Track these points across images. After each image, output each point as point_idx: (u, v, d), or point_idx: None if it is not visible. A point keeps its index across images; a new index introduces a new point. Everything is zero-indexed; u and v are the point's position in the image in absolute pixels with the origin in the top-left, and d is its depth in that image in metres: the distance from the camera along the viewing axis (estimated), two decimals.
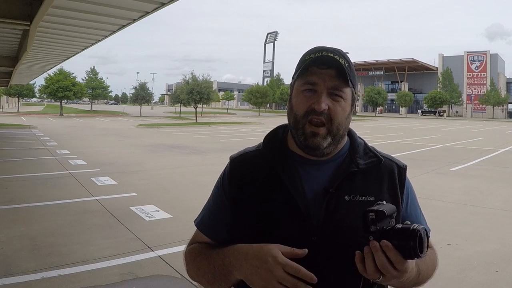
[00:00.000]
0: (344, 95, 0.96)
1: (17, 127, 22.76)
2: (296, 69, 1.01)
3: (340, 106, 0.96)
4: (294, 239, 0.93)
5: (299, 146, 0.99)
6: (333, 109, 0.95)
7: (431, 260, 1.04)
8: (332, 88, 0.95)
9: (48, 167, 9.53)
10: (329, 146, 0.97)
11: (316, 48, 1.00)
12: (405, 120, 46.44)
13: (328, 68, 0.94)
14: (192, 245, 1.12)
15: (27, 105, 75.79)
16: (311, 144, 0.96)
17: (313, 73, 0.95)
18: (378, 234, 0.81)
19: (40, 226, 4.99)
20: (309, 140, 0.96)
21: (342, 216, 0.94)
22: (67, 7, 6.66)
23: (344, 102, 0.97)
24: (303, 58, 0.99)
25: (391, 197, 1.00)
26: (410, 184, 1.08)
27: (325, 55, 0.95)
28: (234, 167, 1.06)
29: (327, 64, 0.94)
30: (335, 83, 0.94)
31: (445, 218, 5.54)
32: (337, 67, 0.94)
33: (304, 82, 0.96)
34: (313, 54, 0.97)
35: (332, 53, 0.96)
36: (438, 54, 70.31)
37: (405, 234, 0.79)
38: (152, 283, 3.56)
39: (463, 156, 12.78)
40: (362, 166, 1.00)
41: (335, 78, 0.94)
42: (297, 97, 0.98)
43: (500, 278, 3.69)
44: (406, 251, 0.79)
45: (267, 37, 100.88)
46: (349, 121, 1.01)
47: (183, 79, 33.80)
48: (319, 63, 0.94)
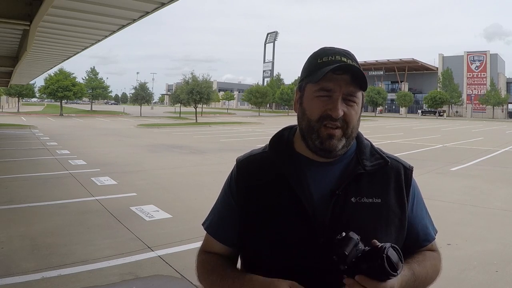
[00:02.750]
0: (357, 100, 0.97)
1: (17, 127, 22.76)
2: (307, 72, 0.99)
3: (354, 110, 0.96)
4: (301, 241, 0.93)
5: (313, 149, 0.98)
6: (348, 114, 0.95)
7: (432, 266, 1.04)
8: (347, 94, 0.95)
9: (48, 167, 9.53)
10: (342, 148, 0.97)
11: (326, 50, 0.99)
12: (405, 120, 46.44)
13: (343, 73, 0.93)
14: (205, 257, 1.11)
15: (27, 105, 75.78)
16: (327, 146, 0.95)
17: (329, 79, 0.94)
18: (350, 270, 0.81)
19: (40, 226, 4.99)
20: (326, 142, 0.95)
21: (348, 218, 0.95)
22: (67, 7, 6.66)
23: (357, 106, 0.97)
24: (314, 61, 0.98)
25: (397, 199, 1.00)
26: (417, 186, 1.07)
27: (338, 59, 0.95)
28: (241, 170, 1.06)
29: (342, 69, 0.93)
30: (350, 88, 0.94)
31: (445, 218, 5.55)
32: (352, 72, 0.94)
33: (320, 88, 0.95)
34: (325, 58, 0.96)
35: (345, 57, 0.96)
36: (438, 54, 70.37)
37: (372, 255, 0.80)
38: (152, 283, 3.55)
39: (463, 156, 12.78)
40: (369, 168, 1.00)
41: (350, 83, 0.94)
42: (311, 102, 0.97)
43: (500, 278, 3.69)
44: (378, 272, 0.79)
45: (267, 37, 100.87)
46: (359, 122, 1.01)
47: (183, 79, 33.80)
48: (334, 69, 0.93)
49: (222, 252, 1.10)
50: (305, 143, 0.99)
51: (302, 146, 1.01)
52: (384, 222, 0.97)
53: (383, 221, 0.97)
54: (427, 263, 1.02)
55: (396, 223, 0.99)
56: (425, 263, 1.02)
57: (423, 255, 1.05)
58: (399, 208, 1.00)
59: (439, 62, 69.39)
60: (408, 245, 1.03)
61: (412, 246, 1.04)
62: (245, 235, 1.02)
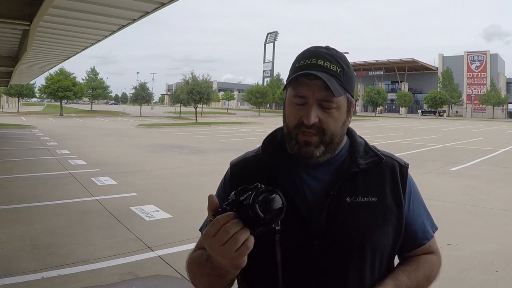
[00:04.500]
0: (336, 105, 0.92)
1: (17, 127, 22.75)
2: (289, 74, 0.97)
3: (331, 116, 0.92)
4: (296, 242, 0.92)
5: (294, 154, 0.97)
6: (324, 121, 0.92)
7: (426, 274, 1.02)
8: (321, 99, 0.91)
9: (48, 167, 9.53)
10: (323, 154, 0.95)
11: (308, 52, 0.95)
12: (405, 120, 46.43)
13: (316, 78, 0.88)
14: (192, 254, 1.08)
15: (27, 105, 75.79)
16: (304, 153, 0.94)
17: (302, 84, 0.91)
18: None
19: (40, 226, 4.99)
20: (302, 149, 0.94)
21: (344, 219, 0.93)
22: (67, 7, 6.66)
23: (337, 111, 0.93)
24: (294, 63, 0.96)
25: (393, 197, 0.98)
26: (413, 182, 1.05)
27: (314, 63, 0.91)
28: (234, 173, 1.06)
29: (315, 75, 0.88)
30: (324, 94, 0.90)
31: (445, 218, 5.55)
32: (326, 77, 0.89)
33: (294, 94, 0.93)
34: (303, 61, 0.93)
35: (323, 59, 0.92)
36: (438, 54, 70.38)
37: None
38: (152, 283, 3.55)
39: (463, 156, 12.77)
40: (363, 166, 0.98)
41: (324, 89, 0.89)
42: (288, 107, 0.96)
43: (500, 278, 3.69)
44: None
45: (267, 37, 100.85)
46: (346, 128, 0.98)
47: (183, 79, 33.79)
48: (308, 74, 0.89)
49: None
50: (289, 148, 0.99)
51: None
52: (381, 221, 0.95)
53: (380, 220, 0.95)
54: (419, 272, 1.00)
55: (394, 222, 0.97)
56: (417, 273, 0.99)
57: (417, 262, 1.03)
58: (395, 206, 0.98)
59: (439, 62, 69.37)
60: (406, 244, 1.02)
61: (410, 244, 1.03)
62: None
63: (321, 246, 0.92)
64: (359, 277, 0.94)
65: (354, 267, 0.93)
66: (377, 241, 0.94)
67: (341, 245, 0.92)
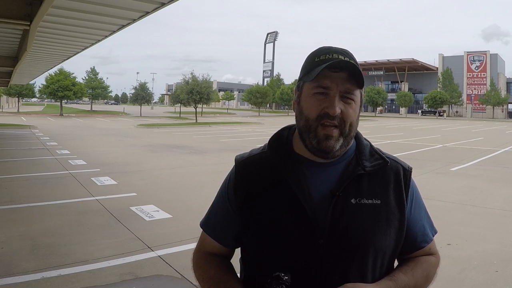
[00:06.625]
0: (355, 97, 0.96)
1: (17, 127, 22.76)
2: (305, 70, 0.99)
3: (351, 108, 0.95)
4: (301, 242, 0.93)
5: (310, 150, 0.97)
6: (345, 112, 0.94)
7: (424, 273, 1.02)
8: (344, 91, 0.94)
9: (48, 167, 9.53)
10: (340, 148, 0.96)
11: (323, 49, 0.98)
12: (405, 120, 46.43)
13: (340, 70, 0.93)
14: (200, 256, 1.12)
15: (27, 105, 75.73)
16: (324, 147, 0.94)
17: (325, 76, 0.93)
18: None
19: (40, 226, 4.99)
20: (322, 143, 0.94)
21: (348, 219, 0.94)
22: (67, 7, 6.66)
23: (355, 104, 0.96)
24: (312, 59, 0.98)
25: (396, 200, 0.99)
26: (416, 187, 1.07)
27: (336, 57, 0.94)
28: (239, 172, 1.06)
29: (338, 67, 0.92)
30: (347, 86, 0.94)
31: (445, 218, 5.55)
32: (349, 69, 0.93)
33: (316, 85, 0.94)
34: (322, 56, 0.96)
35: (342, 54, 0.95)
36: (438, 54, 70.37)
37: None
38: (152, 283, 3.55)
39: (463, 156, 12.78)
40: (369, 169, 0.99)
41: (347, 81, 0.93)
42: (308, 100, 0.96)
43: (500, 278, 3.69)
44: None
45: (267, 37, 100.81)
46: (358, 122, 1.00)
47: (183, 79, 33.77)
48: (331, 66, 0.92)
49: (217, 252, 1.10)
50: (303, 143, 0.98)
51: (301, 146, 1.00)
52: (383, 224, 0.96)
53: (383, 222, 0.96)
54: (417, 271, 1.01)
55: (396, 225, 0.98)
56: (415, 272, 1.00)
57: (415, 262, 1.04)
58: (398, 209, 0.99)
59: (439, 62, 69.38)
60: (406, 247, 1.03)
61: (410, 247, 1.04)
62: (244, 237, 1.02)
63: (325, 245, 0.92)
64: (361, 277, 0.94)
65: (356, 267, 0.94)
66: (379, 243, 0.95)
67: (345, 245, 0.93)
